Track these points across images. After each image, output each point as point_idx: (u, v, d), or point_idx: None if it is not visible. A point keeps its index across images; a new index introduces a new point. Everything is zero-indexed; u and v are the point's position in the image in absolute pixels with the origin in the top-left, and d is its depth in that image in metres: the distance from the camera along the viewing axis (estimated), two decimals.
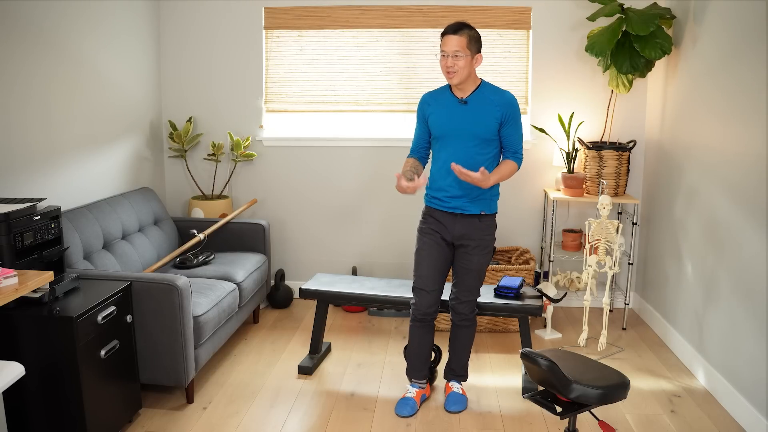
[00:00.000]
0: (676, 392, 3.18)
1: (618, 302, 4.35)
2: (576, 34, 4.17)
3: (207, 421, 2.87)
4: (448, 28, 2.79)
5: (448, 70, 2.78)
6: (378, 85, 4.35)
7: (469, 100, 2.84)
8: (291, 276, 4.61)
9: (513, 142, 2.88)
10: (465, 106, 2.84)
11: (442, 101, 2.90)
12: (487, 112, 2.82)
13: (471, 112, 2.83)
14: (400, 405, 2.98)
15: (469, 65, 2.78)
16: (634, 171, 4.29)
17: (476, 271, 2.95)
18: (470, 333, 3.06)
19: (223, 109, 4.45)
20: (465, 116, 2.83)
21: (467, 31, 2.77)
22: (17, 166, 2.96)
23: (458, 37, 2.74)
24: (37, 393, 2.39)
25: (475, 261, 2.93)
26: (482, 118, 2.82)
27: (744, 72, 2.94)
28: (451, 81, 2.81)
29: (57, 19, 3.23)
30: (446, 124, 2.86)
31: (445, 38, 2.78)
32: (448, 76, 2.80)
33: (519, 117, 2.88)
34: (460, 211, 2.88)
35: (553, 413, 2.13)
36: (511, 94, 2.87)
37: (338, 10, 4.28)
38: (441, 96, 2.92)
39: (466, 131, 2.83)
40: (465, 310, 2.99)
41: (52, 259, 2.61)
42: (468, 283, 2.96)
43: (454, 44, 2.74)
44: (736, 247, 2.97)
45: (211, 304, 3.14)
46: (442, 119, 2.87)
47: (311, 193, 4.52)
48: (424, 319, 2.98)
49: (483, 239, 2.92)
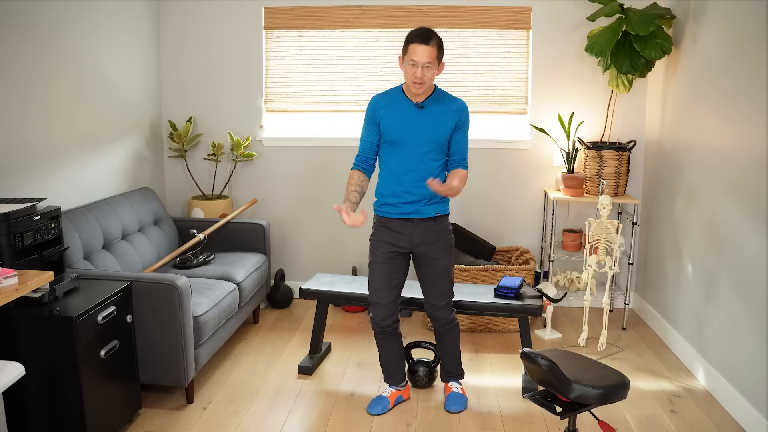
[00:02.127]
0: (676, 392, 3.18)
1: (618, 302, 4.35)
2: (576, 34, 4.17)
3: (207, 421, 2.87)
4: (417, 37, 2.65)
5: (416, 81, 2.67)
6: (378, 85, 4.34)
7: (425, 104, 2.76)
8: (291, 276, 4.61)
9: (461, 150, 2.83)
10: (422, 111, 2.76)
11: (397, 105, 2.79)
12: (443, 118, 2.76)
13: (428, 117, 2.75)
14: (372, 403, 2.98)
15: (435, 75, 2.71)
16: (634, 171, 4.29)
17: (445, 274, 2.89)
18: (455, 334, 3.04)
19: (223, 109, 4.45)
20: (421, 121, 2.75)
21: (436, 39, 2.67)
22: (17, 166, 2.96)
23: (429, 47, 2.64)
24: (37, 393, 2.39)
25: (442, 265, 2.87)
26: (439, 124, 2.76)
27: (744, 72, 2.94)
28: (417, 91, 2.71)
29: (57, 19, 3.23)
30: (401, 129, 2.76)
31: (414, 47, 2.65)
32: (416, 86, 2.68)
33: (469, 126, 2.84)
34: (416, 215, 2.79)
35: (553, 413, 2.13)
36: (463, 101, 2.83)
37: (338, 10, 4.28)
38: (394, 99, 2.80)
39: (422, 137, 2.75)
40: (444, 314, 2.96)
41: (52, 259, 2.61)
42: (440, 288, 2.91)
43: (426, 55, 2.64)
44: (736, 247, 2.97)
45: (211, 304, 3.14)
46: (396, 124, 2.77)
47: (311, 193, 4.52)
48: (384, 330, 2.94)
49: (444, 240, 2.86)
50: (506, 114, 4.35)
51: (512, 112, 4.34)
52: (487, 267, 3.88)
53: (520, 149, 4.35)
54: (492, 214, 4.42)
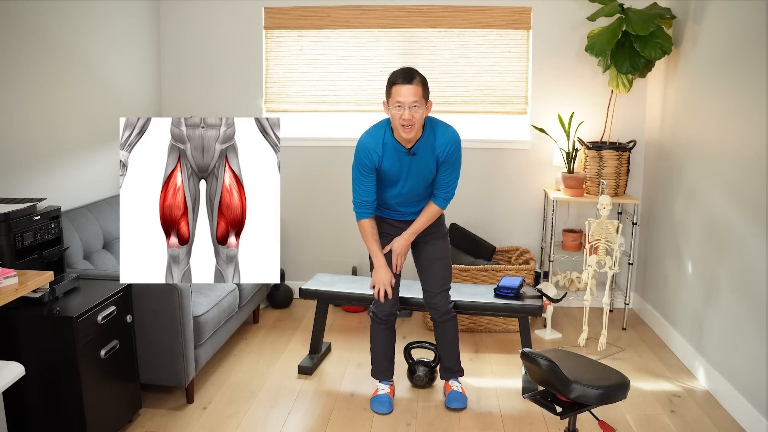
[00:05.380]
0: (676, 392, 3.18)
1: (618, 302, 4.35)
2: (576, 34, 4.17)
3: (207, 421, 2.87)
4: (399, 77, 2.60)
5: (405, 123, 2.60)
6: (378, 85, 4.34)
7: (416, 150, 2.73)
8: (291, 276, 4.61)
9: (442, 183, 2.82)
10: (413, 157, 2.75)
11: (390, 150, 2.74)
12: (430, 160, 2.77)
13: (417, 162, 2.76)
14: (376, 403, 2.98)
15: (423, 115, 2.65)
16: (634, 171, 4.29)
17: (443, 258, 2.97)
18: (453, 326, 3.07)
19: (223, 109, 4.45)
20: (412, 166, 2.76)
21: (419, 77, 2.62)
22: (17, 166, 2.96)
23: (413, 86, 2.58)
24: (37, 393, 2.39)
25: (438, 249, 2.96)
26: (426, 167, 2.78)
27: (744, 72, 2.94)
28: (407, 135, 2.64)
29: (58, 19, 3.23)
30: (397, 173, 2.79)
31: (398, 88, 2.59)
32: (405, 129, 2.61)
33: (459, 158, 2.79)
34: (414, 217, 2.92)
35: (553, 413, 2.13)
36: (454, 133, 2.76)
37: (338, 10, 4.28)
38: (386, 143, 2.74)
39: (415, 179, 2.80)
40: (441, 302, 2.99)
41: (52, 259, 2.61)
42: (438, 272, 2.97)
43: (411, 94, 2.57)
44: (736, 247, 2.97)
45: (211, 304, 3.14)
46: (394, 170, 2.78)
47: (311, 193, 4.52)
48: (389, 320, 3.01)
49: (438, 230, 2.97)
50: (506, 114, 4.35)
51: (512, 112, 4.34)
52: (487, 267, 3.88)
53: (520, 149, 4.35)
54: (492, 214, 4.42)
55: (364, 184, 2.81)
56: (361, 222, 2.88)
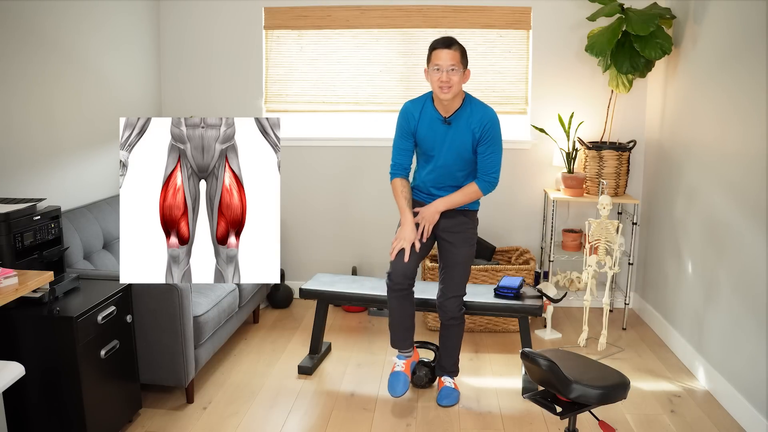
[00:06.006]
0: (676, 392, 3.18)
1: (618, 302, 4.35)
2: (576, 34, 4.17)
3: (207, 421, 2.87)
4: (440, 43, 2.74)
5: (442, 84, 2.72)
6: (378, 85, 4.35)
7: (452, 120, 2.81)
8: (291, 276, 4.61)
9: (483, 164, 2.85)
10: (448, 126, 2.81)
11: (427, 117, 2.85)
12: (466, 133, 2.80)
13: (452, 133, 2.81)
14: (392, 383, 2.96)
15: (461, 80, 2.75)
16: (634, 171, 4.29)
17: (462, 264, 2.96)
18: (459, 332, 3.07)
19: (223, 109, 4.45)
20: (447, 137, 2.82)
21: (458, 44, 2.75)
22: (17, 166, 2.96)
23: (452, 51, 2.71)
24: (37, 393, 2.39)
25: (461, 254, 2.95)
26: (462, 140, 2.81)
27: (744, 72, 2.94)
28: (445, 96, 2.74)
29: (58, 19, 3.23)
30: (431, 142, 2.86)
31: (438, 52, 2.72)
32: (443, 91, 2.73)
33: (498, 137, 2.83)
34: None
35: (553, 413, 2.13)
36: (493, 111, 2.82)
37: (338, 10, 4.28)
38: (425, 110, 2.87)
39: (449, 152, 2.84)
40: (452, 307, 2.98)
41: (52, 259, 2.61)
42: (454, 278, 2.96)
43: (449, 58, 2.70)
44: (736, 247, 2.97)
45: (211, 304, 3.14)
46: (428, 138, 2.86)
47: (311, 193, 4.52)
48: (402, 285, 2.92)
49: (466, 232, 2.96)
50: (506, 114, 4.34)
51: (512, 112, 4.34)
52: (487, 267, 3.88)
53: (520, 149, 4.35)
54: (492, 214, 4.42)
55: (400, 145, 2.93)
56: (393, 181, 2.96)
